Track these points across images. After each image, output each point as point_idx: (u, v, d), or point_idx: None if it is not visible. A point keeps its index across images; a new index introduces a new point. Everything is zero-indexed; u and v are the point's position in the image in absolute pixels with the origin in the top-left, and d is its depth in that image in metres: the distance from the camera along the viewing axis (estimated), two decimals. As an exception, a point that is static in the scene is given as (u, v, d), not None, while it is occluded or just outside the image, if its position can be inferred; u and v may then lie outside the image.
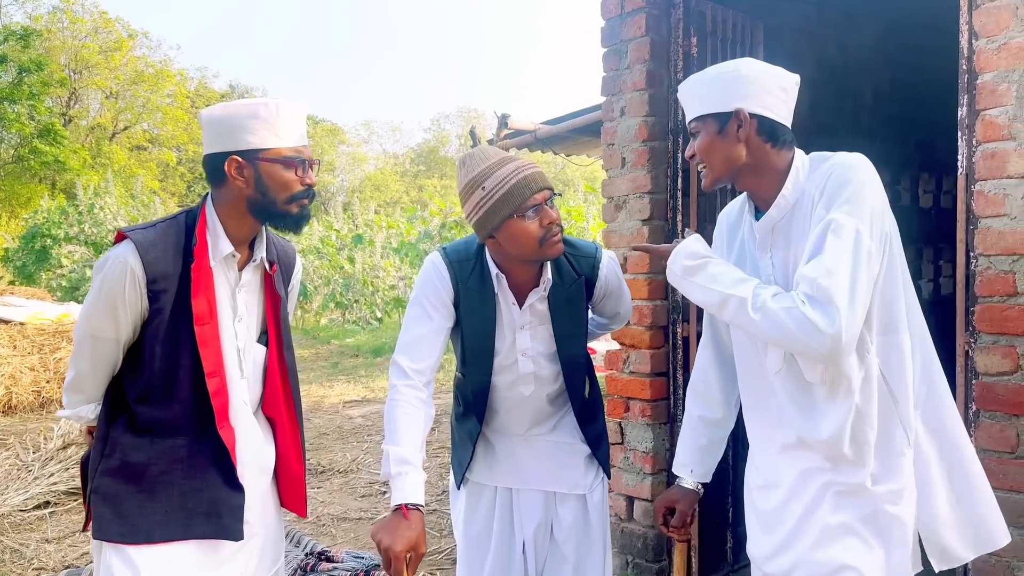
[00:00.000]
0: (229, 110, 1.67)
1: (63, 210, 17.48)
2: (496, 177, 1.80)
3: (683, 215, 3.01)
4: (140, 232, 1.67)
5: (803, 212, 1.56)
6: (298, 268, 1.97)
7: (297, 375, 1.90)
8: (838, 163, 1.53)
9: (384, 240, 15.80)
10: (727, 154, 1.58)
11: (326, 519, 4.29)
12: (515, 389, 1.98)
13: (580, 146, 6.61)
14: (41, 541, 3.95)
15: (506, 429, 2.05)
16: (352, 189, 37.34)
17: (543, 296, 1.94)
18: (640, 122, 3.03)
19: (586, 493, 2.03)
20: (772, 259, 1.62)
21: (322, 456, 5.52)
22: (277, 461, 1.86)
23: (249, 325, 1.78)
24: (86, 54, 27.67)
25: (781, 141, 1.59)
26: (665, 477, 3.05)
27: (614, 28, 3.12)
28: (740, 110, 1.55)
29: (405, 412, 1.81)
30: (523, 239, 1.80)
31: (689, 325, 2.98)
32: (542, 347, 1.97)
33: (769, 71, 1.58)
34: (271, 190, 1.68)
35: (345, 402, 7.47)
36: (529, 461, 2.03)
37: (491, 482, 2.05)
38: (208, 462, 1.71)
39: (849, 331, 1.42)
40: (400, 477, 1.72)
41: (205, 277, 1.68)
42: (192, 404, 1.69)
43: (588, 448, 2.04)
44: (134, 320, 1.66)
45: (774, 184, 1.59)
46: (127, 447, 1.69)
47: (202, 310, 1.67)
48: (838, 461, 1.55)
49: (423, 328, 1.90)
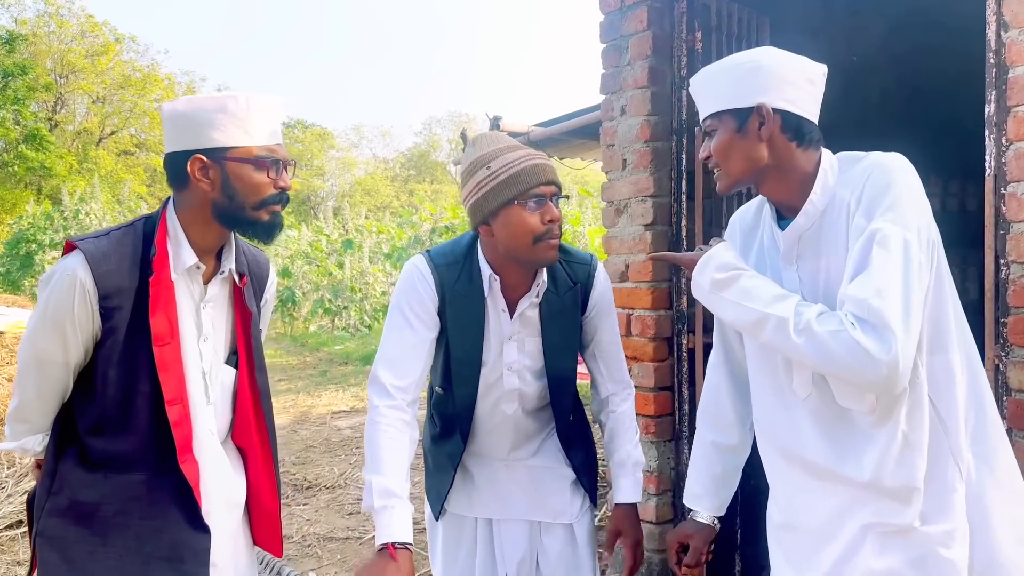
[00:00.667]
0: (193, 104, 1.49)
1: (48, 216, 17.22)
2: (504, 159, 1.65)
3: (688, 220, 2.84)
4: (91, 241, 1.49)
5: (835, 220, 1.40)
6: (272, 281, 1.78)
7: (271, 399, 1.71)
8: (875, 164, 1.36)
9: (375, 245, 15.61)
10: (747, 155, 1.41)
11: (311, 539, 4.09)
12: (498, 407, 1.82)
13: (574, 149, 6.46)
14: (13, 563, 3.74)
15: (485, 452, 1.87)
16: (342, 194, 37.09)
17: (535, 303, 1.77)
18: (642, 121, 2.86)
19: (573, 522, 1.86)
20: (799, 272, 1.45)
21: (308, 471, 5.32)
22: (249, 495, 1.67)
23: (216, 345, 1.60)
24: (72, 58, 27.40)
25: (808, 139, 1.42)
26: (670, 498, 2.88)
27: (614, 23, 2.95)
28: (762, 105, 1.38)
29: (389, 436, 1.64)
30: (519, 231, 1.64)
31: (695, 336, 2.82)
32: (529, 361, 1.80)
33: (792, 60, 1.42)
34: (239, 193, 1.50)
35: (333, 412, 7.27)
36: (511, 488, 1.86)
37: (471, 513, 1.88)
38: (169, 500, 1.52)
39: (906, 357, 1.25)
40: (385, 512, 1.55)
41: (165, 292, 1.50)
42: (151, 435, 1.50)
43: (573, 473, 1.87)
44: (85, 341, 1.48)
45: (800, 188, 1.42)
46: (77, 484, 1.50)
47: (162, 329, 1.48)
48: (881, 498, 1.37)
49: (406, 340, 1.72)
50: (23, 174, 24.51)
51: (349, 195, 35.34)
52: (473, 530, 1.88)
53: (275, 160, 1.52)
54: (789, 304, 1.35)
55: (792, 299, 1.36)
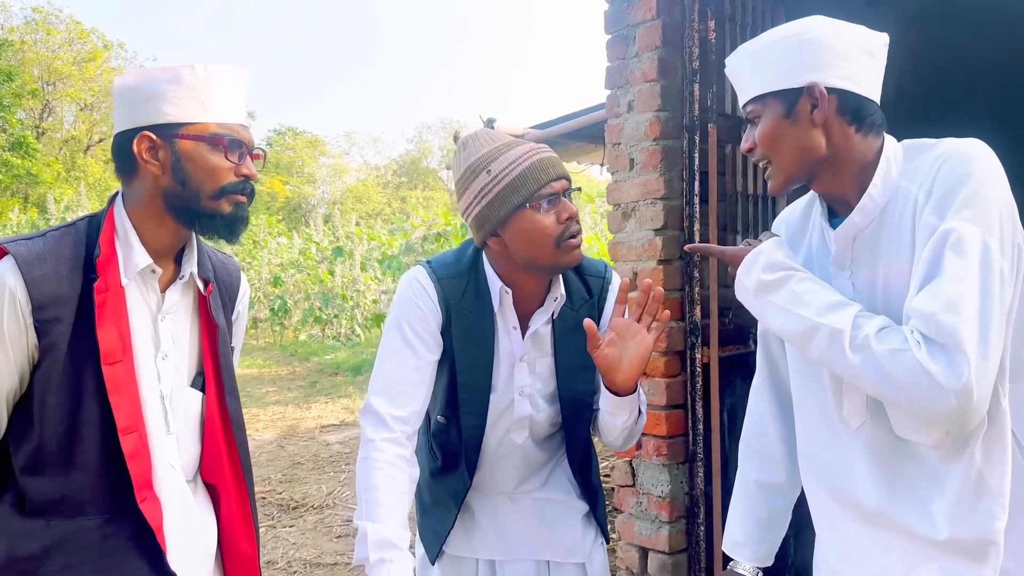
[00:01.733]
0: (145, 74, 1.28)
1: (34, 224, 16.91)
2: (505, 159, 1.45)
3: (701, 224, 2.62)
4: (23, 244, 1.25)
5: (897, 217, 1.19)
6: (244, 291, 1.55)
7: (244, 428, 1.47)
8: (949, 153, 1.15)
9: (366, 252, 15.37)
10: (801, 143, 1.22)
11: (297, 565, 3.85)
12: (507, 437, 1.61)
13: (571, 152, 6.26)
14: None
15: (490, 487, 1.66)
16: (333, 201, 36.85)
17: (548, 319, 1.56)
18: (651, 117, 2.64)
19: (584, 561, 1.66)
20: (852, 278, 1.25)
21: (295, 490, 5.07)
22: (222, 541, 1.43)
23: (178, 364, 1.37)
24: (60, 65, 27.14)
25: (869, 123, 1.23)
26: (684, 526, 2.66)
27: (619, 12, 2.74)
28: (814, 84, 1.19)
29: (386, 476, 1.42)
30: (536, 236, 1.44)
31: (709, 350, 2.60)
32: (540, 384, 1.60)
33: (847, 30, 1.22)
34: (192, 178, 1.28)
35: (322, 426, 7.02)
36: (517, 525, 1.66)
37: (472, 554, 1.66)
38: (127, 548, 1.27)
39: (982, 386, 1.04)
40: (382, 566, 1.34)
41: (114, 300, 1.26)
42: (102, 471, 1.26)
43: (586, 506, 1.67)
44: (19, 362, 1.24)
45: (857, 180, 1.23)
46: (15, 535, 1.25)
47: (112, 344, 1.25)
48: (949, 553, 1.15)
49: (405, 363, 1.51)
50: (9, 182, 24.20)
51: (340, 202, 35.11)
52: (473, 573, 1.67)
53: (235, 140, 1.30)
54: (847, 314, 1.14)
55: (851, 308, 1.16)
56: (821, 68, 1.20)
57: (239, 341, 1.57)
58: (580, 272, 1.62)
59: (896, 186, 1.20)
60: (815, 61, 1.20)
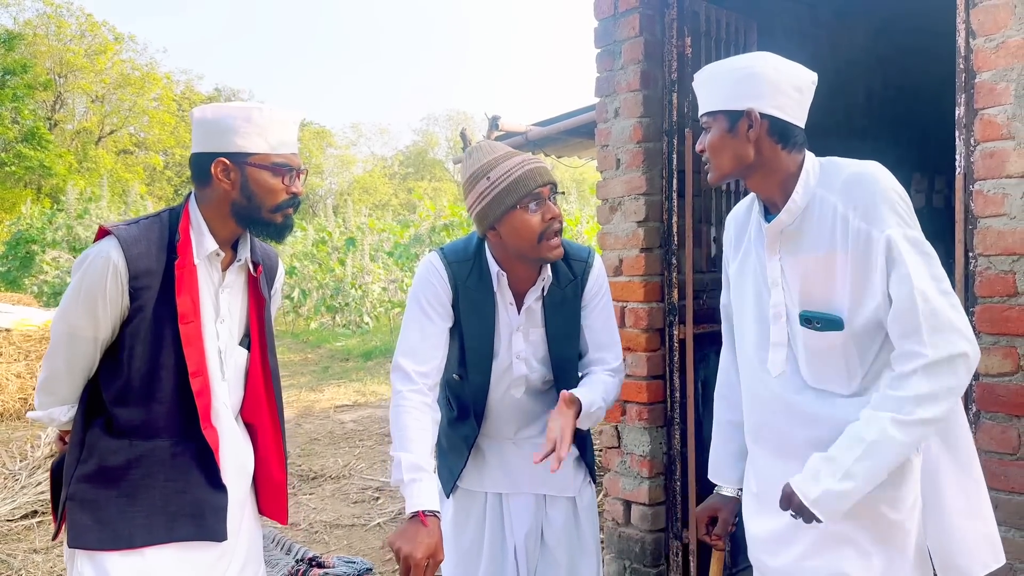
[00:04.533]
0: (222, 111, 1.65)
1: (47, 215, 17.28)
2: (502, 168, 1.80)
3: (679, 216, 2.98)
4: (123, 228, 1.64)
5: (816, 217, 1.53)
6: (280, 273, 1.94)
7: (280, 381, 1.86)
8: (862, 173, 1.50)
9: (376, 243, 15.73)
10: (735, 153, 1.55)
11: (319, 526, 4.24)
12: (508, 393, 1.97)
13: (571, 148, 6.58)
14: (29, 551, 3.88)
15: (496, 433, 2.02)
16: (340, 192, 37.20)
17: (539, 296, 1.92)
18: (635, 123, 3.00)
19: (575, 496, 2.01)
20: (781, 262, 1.59)
21: (313, 462, 5.47)
22: (257, 467, 1.82)
23: (232, 327, 1.75)
24: (71, 58, 27.47)
25: (792, 143, 1.54)
26: (662, 481, 3.03)
27: (607, 29, 3.09)
28: (751, 110, 1.51)
29: (414, 418, 1.79)
30: (523, 232, 1.79)
31: (685, 327, 2.96)
32: (534, 349, 1.95)
33: (784, 69, 1.54)
34: (256, 196, 1.66)
35: (336, 406, 7.41)
36: (519, 464, 2.00)
37: (481, 488, 2.03)
38: (191, 464, 1.68)
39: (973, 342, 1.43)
40: (414, 484, 1.70)
41: (189, 275, 1.65)
42: (174, 405, 1.66)
43: (576, 450, 2.01)
44: (114, 318, 1.63)
45: (783, 186, 1.56)
46: (105, 451, 1.65)
47: (186, 308, 1.64)
48: None
49: (425, 329, 1.88)
50: (22, 173, 24.61)
51: (348, 193, 35.43)
52: (483, 504, 2.03)
53: (290, 168, 1.67)
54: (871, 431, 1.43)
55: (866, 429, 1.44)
56: (760, 98, 1.51)
57: (275, 311, 1.96)
58: (567, 257, 1.93)
59: (814, 193, 1.53)
60: (756, 92, 1.51)
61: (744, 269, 1.68)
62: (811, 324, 1.54)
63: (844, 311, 1.50)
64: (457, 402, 2.02)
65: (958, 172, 2.25)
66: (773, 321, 1.61)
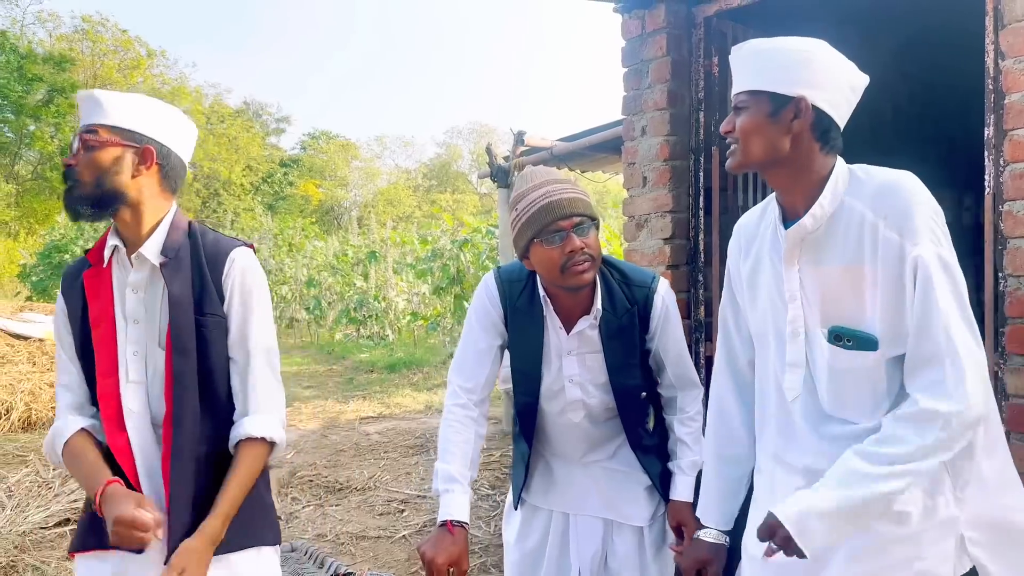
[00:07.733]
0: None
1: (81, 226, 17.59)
2: (527, 200, 1.80)
3: (705, 234, 3.00)
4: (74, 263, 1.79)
5: (843, 226, 1.40)
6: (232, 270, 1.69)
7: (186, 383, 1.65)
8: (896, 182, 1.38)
9: (399, 257, 15.84)
10: (771, 141, 1.40)
11: (345, 538, 4.28)
12: (564, 415, 1.96)
13: (596, 163, 6.60)
14: (62, 559, 3.96)
15: (562, 454, 2.02)
16: (365, 204, 37.51)
17: (594, 324, 1.88)
18: (661, 141, 3.03)
19: (644, 526, 1.95)
20: (800, 273, 1.45)
21: (339, 473, 5.51)
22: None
23: (152, 329, 1.66)
24: (105, 72, 28.05)
25: (831, 144, 1.41)
26: (688, 497, 3.03)
27: (635, 48, 3.13)
28: (803, 98, 1.37)
29: (455, 431, 1.86)
30: (546, 263, 1.79)
31: (712, 344, 2.97)
32: (591, 375, 1.91)
33: (844, 64, 1.41)
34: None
35: (361, 418, 7.47)
36: (587, 487, 2.00)
37: (547, 506, 2.04)
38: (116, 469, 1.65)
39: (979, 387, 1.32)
40: (447, 494, 1.77)
41: (99, 280, 1.69)
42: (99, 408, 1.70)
43: (648, 479, 1.95)
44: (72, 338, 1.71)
45: (809, 189, 1.42)
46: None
47: (96, 313, 1.68)
48: None
49: (473, 347, 1.93)
50: (58, 185, 25.11)
51: (372, 205, 35.72)
52: (547, 521, 2.03)
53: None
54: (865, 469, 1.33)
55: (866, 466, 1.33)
56: (814, 87, 1.37)
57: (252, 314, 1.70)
58: (627, 282, 1.89)
59: (841, 200, 1.39)
60: (812, 80, 1.36)
61: (756, 281, 1.56)
62: (840, 341, 1.41)
63: (876, 330, 1.37)
64: (518, 419, 2.04)
65: (987, 192, 2.25)
66: (790, 339, 1.48)
